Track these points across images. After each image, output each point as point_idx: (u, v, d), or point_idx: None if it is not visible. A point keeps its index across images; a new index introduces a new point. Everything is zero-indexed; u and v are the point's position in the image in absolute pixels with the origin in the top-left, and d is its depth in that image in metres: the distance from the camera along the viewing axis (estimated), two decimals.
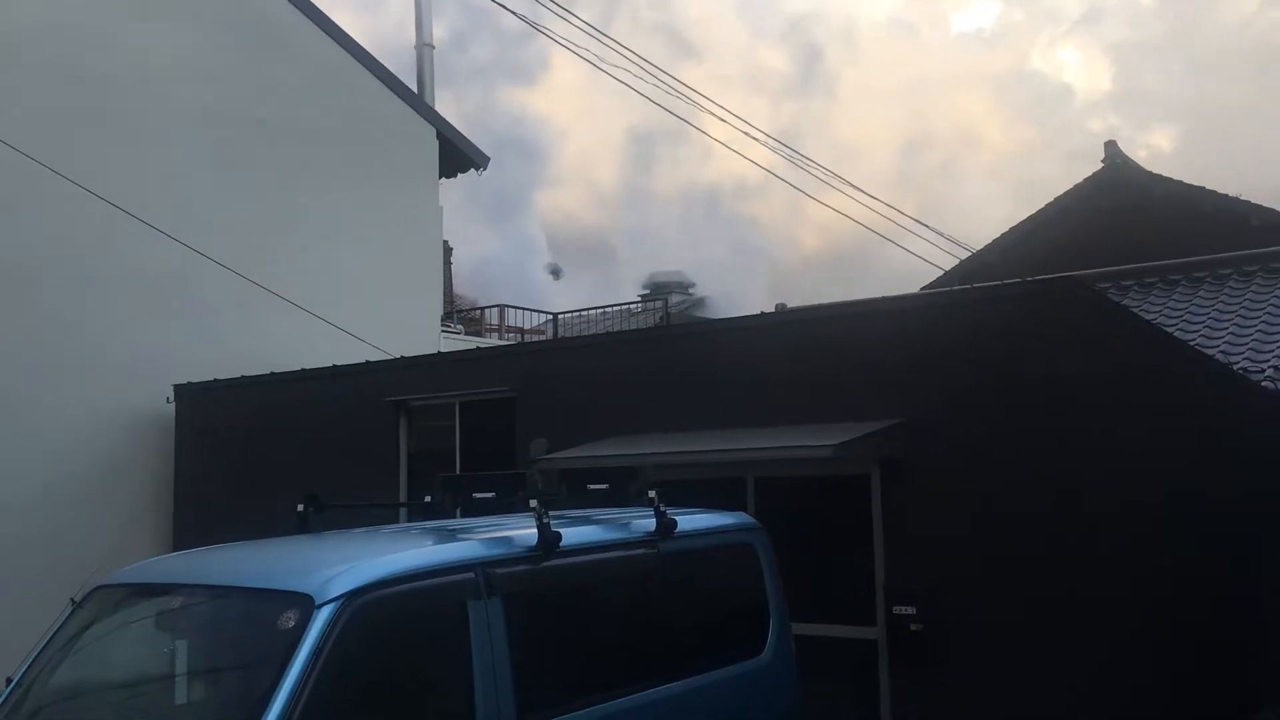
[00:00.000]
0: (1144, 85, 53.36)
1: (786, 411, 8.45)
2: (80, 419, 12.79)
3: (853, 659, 7.90)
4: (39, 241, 12.57)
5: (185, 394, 13.11)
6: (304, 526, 5.76)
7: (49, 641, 4.95)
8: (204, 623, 4.79)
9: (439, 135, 16.91)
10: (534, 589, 5.08)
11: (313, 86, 15.53)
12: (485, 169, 17.96)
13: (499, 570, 4.89)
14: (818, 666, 7.12)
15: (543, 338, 24.93)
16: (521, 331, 24.97)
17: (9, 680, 4.90)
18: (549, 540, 5.08)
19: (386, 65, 16.69)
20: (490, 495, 5.53)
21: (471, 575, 4.77)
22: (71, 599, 5.11)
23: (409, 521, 8.56)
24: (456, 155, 17.39)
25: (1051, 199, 21.55)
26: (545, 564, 5.11)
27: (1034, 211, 21.80)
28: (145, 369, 13.16)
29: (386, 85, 16.50)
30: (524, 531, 5.16)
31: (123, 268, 13.12)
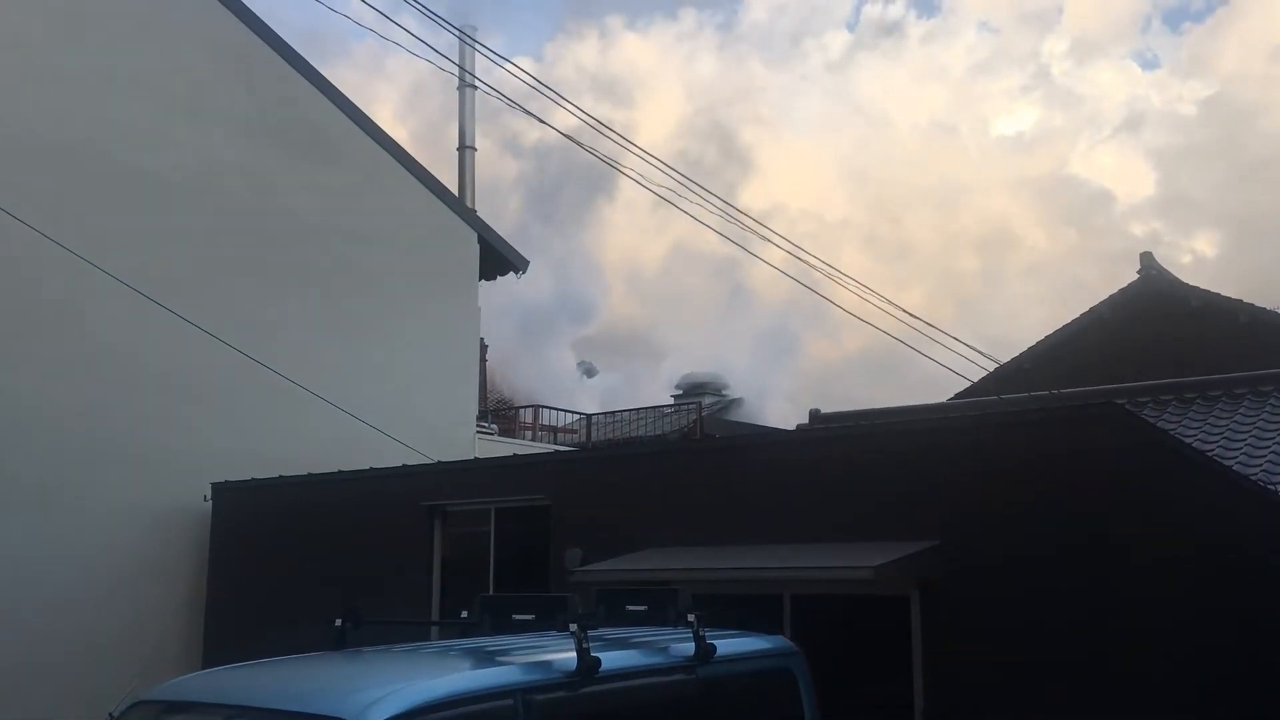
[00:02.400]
0: (1186, 190, 53.69)
1: (825, 526, 8.41)
2: (116, 516, 12.88)
3: None
4: (81, 336, 12.80)
5: (222, 493, 13.19)
6: (342, 642, 5.76)
7: None
8: None
9: (480, 239, 17.21)
10: (572, 715, 5.04)
11: (358, 189, 15.90)
12: (525, 272, 18.23)
13: (538, 696, 4.85)
14: None
15: (575, 437, 25.00)
16: (555, 431, 25.05)
17: None
18: (588, 666, 5.04)
19: (428, 167, 17.08)
20: (530, 618, 5.50)
21: (511, 701, 4.73)
22: (110, 714, 5.11)
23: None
24: (496, 258, 17.68)
25: (1091, 303, 21.63)
26: (584, 690, 5.06)
27: (1071, 320, 21.89)
28: (183, 467, 13.28)
29: (429, 189, 16.87)
30: (563, 655, 5.12)
31: (164, 365, 13.33)
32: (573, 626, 5.13)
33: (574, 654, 5.06)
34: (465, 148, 26.34)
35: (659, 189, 10.07)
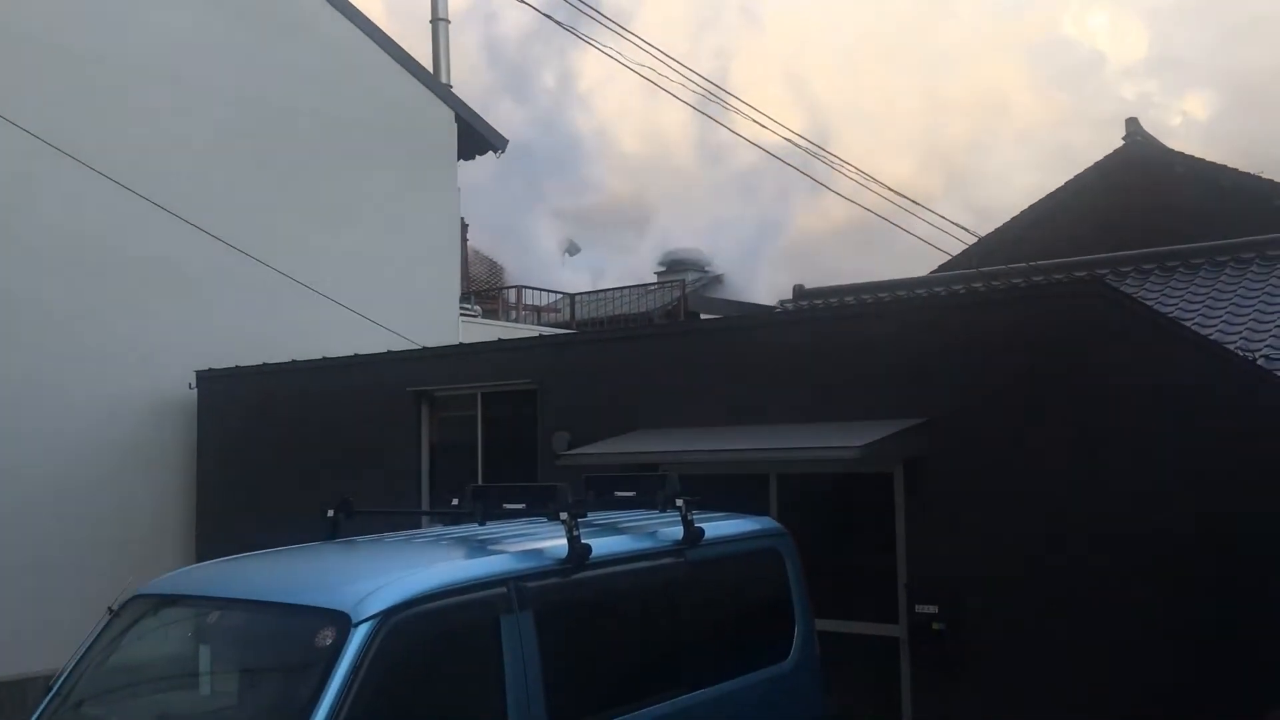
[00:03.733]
0: (1179, 51, 52.82)
1: (809, 407, 8.47)
2: (104, 406, 12.87)
3: (874, 657, 7.95)
4: (59, 229, 12.60)
5: (207, 381, 13.18)
6: (335, 532, 5.83)
7: (88, 649, 5.03)
8: (240, 637, 4.85)
9: (457, 118, 16.88)
10: (564, 601, 5.14)
11: (330, 69, 15.49)
12: (503, 151, 17.93)
13: (530, 584, 4.94)
14: (839, 664, 7.18)
15: (559, 316, 24.99)
16: (538, 310, 25.02)
17: (48, 688, 4.98)
18: (579, 553, 5.13)
19: (400, 41, 16.63)
20: (520, 506, 5.57)
21: (504, 590, 4.82)
22: (109, 607, 5.18)
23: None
24: (474, 137, 17.36)
25: (1081, 168, 21.49)
26: (575, 576, 5.15)
27: (1055, 189, 21.76)
28: (167, 356, 13.22)
29: (405, 67, 16.44)
30: (554, 543, 5.20)
31: (142, 255, 13.16)
32: (563, 515, 5.20)
33: (565, 542, 5.13)
34: (438, 20, 25.49)
35: (638, 67, 9.83)
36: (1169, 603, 8.07)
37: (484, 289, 26.53)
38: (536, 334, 15.36)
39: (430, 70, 18.26)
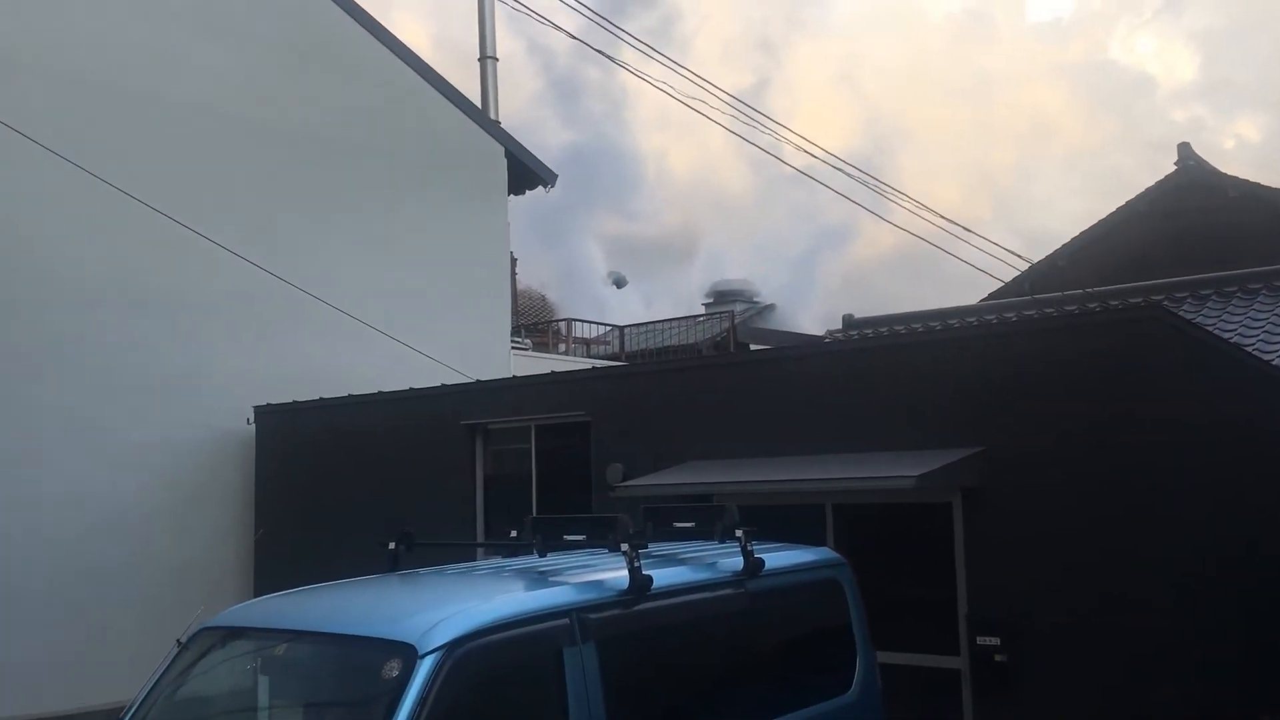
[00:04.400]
0: (1230, 74, 52.23)
1: (860, 437, 8.44)
2: (164, 441, 13.09)
3: (935, 689, 7.86)
4: (120, 267, 12.87)
5: (264, 416, 13.37)
6: (395, 564, 5.88)
7: (157, 681, 5.10)
8: (307, 669, 4.89)
9: (507, 153, 17.07)
10: (626, 633, 5.13)
11: (382, 107, 15.76)
12: (553, 185, 18.10)
13: (592, 615, 4.94)
14: (900, 696, 7.10)
15: (608, 348, 25.08)
16: (587, 342, 25.14)
17: (120, 718, 5.05)
18: (640, 584, 5.13)
19: (449, 77, 16.89)
20: (580, 538, 5.58)
21: (566, 621, 4.83)
22: (177, 640, 5.25)
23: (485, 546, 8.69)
24: (524, 172, 17.55)
25: (1132, 193, 21.28)
26: (637, 608, 5.16)
27: (1107, 214, 21.54)
28: (226, 392, 13.44)
29: (455, 104, 16.69)
30: (615, 575, 5.21)
31: (201, 291, 13.42)
32: (624, 546, 5.21)
33: (625, 573, 5.14)
34: (487, 58, 25.84)
35: (686, 99, 9.92)
36: (1238, 640, 7.92)
37: (534, 322, 26.70)
38: (589, 366, 15.45)
39: (479, 106, 18.52)
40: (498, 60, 26.70)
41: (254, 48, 14.45)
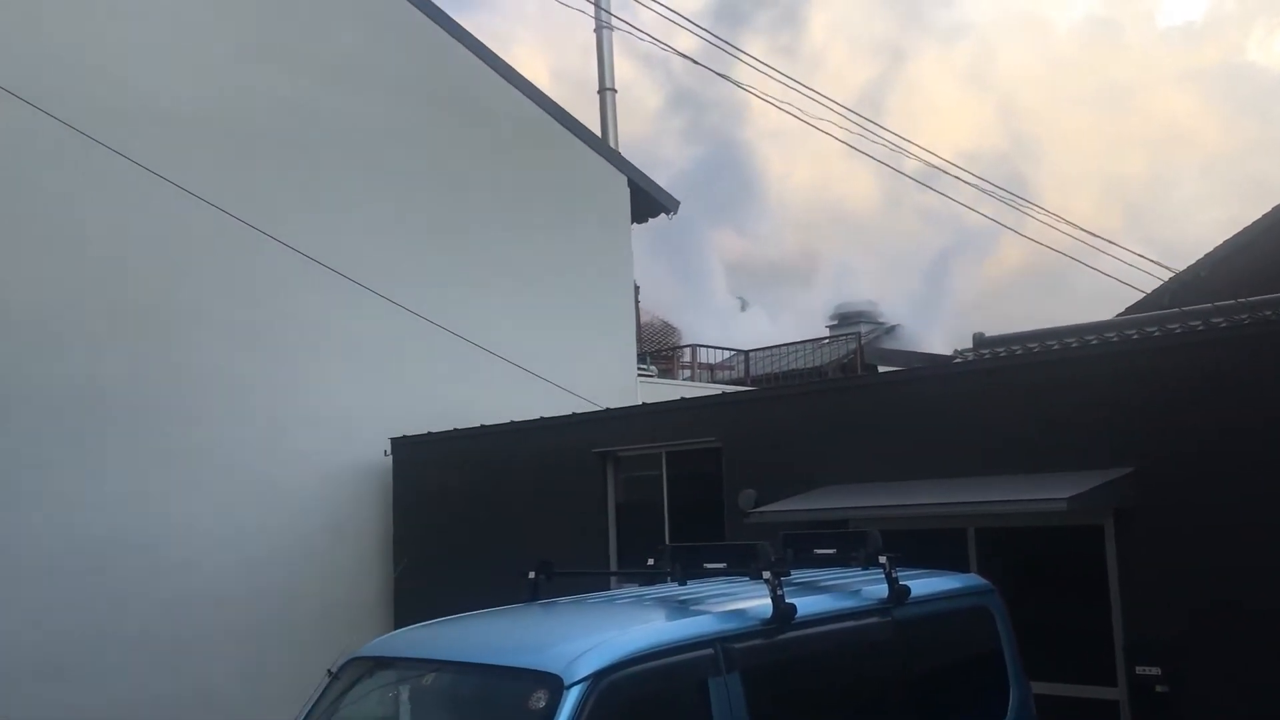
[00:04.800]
0: None
1: (1003, 458, 8.19)
2: (306, 473, 13.46)
3: None
4: (263, 307, 13.34)
5: (401, 447, 13.66)
6: (535, 594, 5.89)
7: (310, 710, 5.19)
8: (454, 699, 4.92)
9: (630, 182, 17.20)
10: (770, 663, 5.04)
11: (509, 142, 16.06)
12: (675, 212, 18.15)
13: (736, 645, 4.86)
14: None
15: (732, 373, 24.97)
16: (711, 368, 25.06)
17: None
18: (785, 613, 5.03)
19: (568, 109, 17.10)
20: (721, 565, 5.52)
21: (711, 651, 4.76)
22: (329, 670, 5.34)
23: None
24: (647, 201, 17.65)
25: (1274, 201, 20.29)
26: (780, 637, 5.06)
27: (1251, 221, 20.59)
28: (364, 424, 13.78)
29: (577, 135, 16.90)
30: (757, 603, 5.12)
31: (338, 328, 13.82)
32: (766, 574, 5.12)
33: (768, 601, 5.05)
34: (606, 90, 26.21)
35: (809, 119, 9.82)
36: None
37: (657, 349, 26.77)
38: (719, 392, 15.39)
39: (599, 136, 18.71)
40: (616, 91, 27.04)
41: (388, 93, 14.88)
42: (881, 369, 20.71)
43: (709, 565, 5.53)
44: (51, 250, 11.87)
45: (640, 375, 17.76)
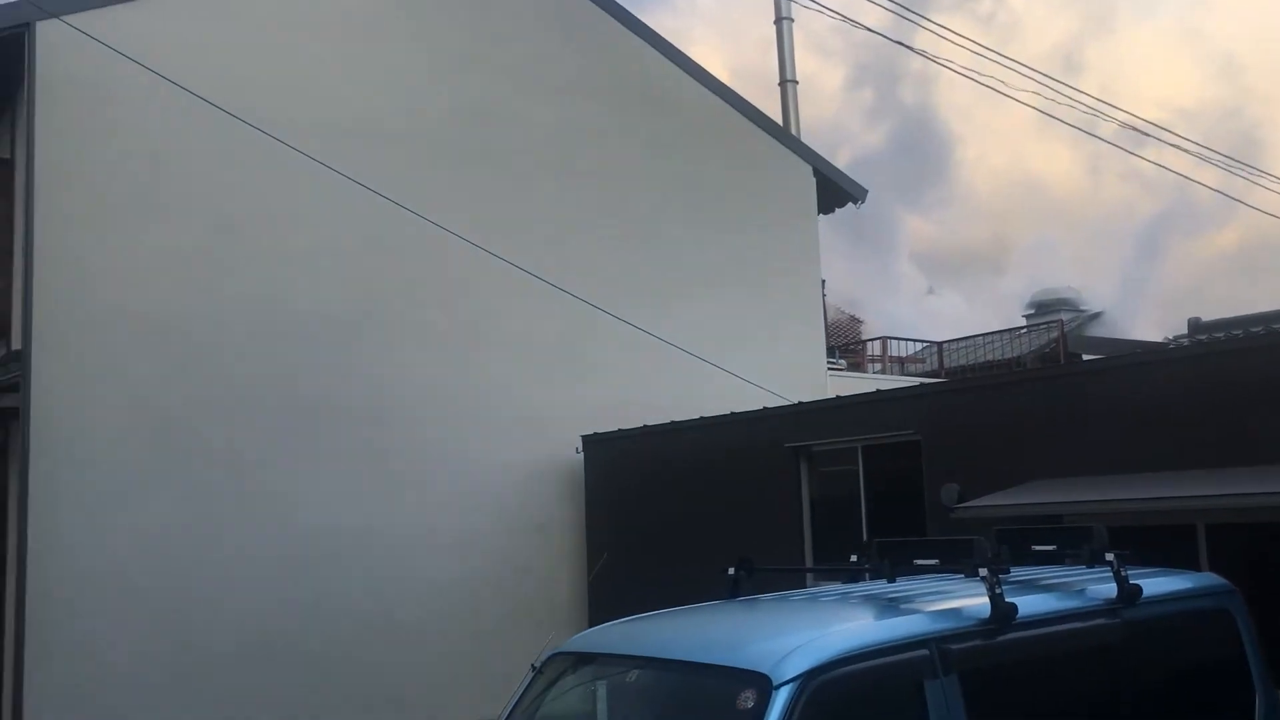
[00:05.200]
0: None
1: (1218, 449, 7.58)
2: (500, 470, 13.73)
3: None
4: (456, 310, 13.66)
5: (592, 444, 13.76)
6: (735, 591, 5.74)
7: (515, 705, 5.19)
8: (658, 696, 4.81)
9: (816, 172, 16.87)
10: (989, 665, 4.73)
11: (694, 137, 16.00)
12: (863, 201, 17.71)
13: (954, 646, 4.58)
14: None
15: (923, 366, 24.24)
16: (902, 361, 24.40)
17: None
18: (1004, 612, 4.72)
19: (750, 99, 16.89)
20: (933, 562, 5.24)
21: (926, 652, 4.50)
22: (532, 665, 5.33)
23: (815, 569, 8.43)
24: (834, 190, 17.28)
25: None
26: (1000, 638, 4.75)
27: None
28: (554, 422, 13.95)
29: (761, 127, 16.69)
30: (972, 602, 4.83)
31: (530, 328, 14.04)
32: (983, 571, 4.82)
33: (985, 600, 4.75)
34: (787, 82, 25.87)
35: (1011, 90, 9.32)
36: None
37: (845, 343, 26.26)
38: (915, 384, 14.93)
39: (783, 128, 18.43)
40: (797, 83, 26.67)
41: (573, 93, 15.06)
42: (1086, 357, 19.71)
43: (920, 562, 5.25)
44: (265, 259, 12.45)
45: (830, 369, 17.41)
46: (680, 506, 12.33)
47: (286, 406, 12.32)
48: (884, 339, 24.19)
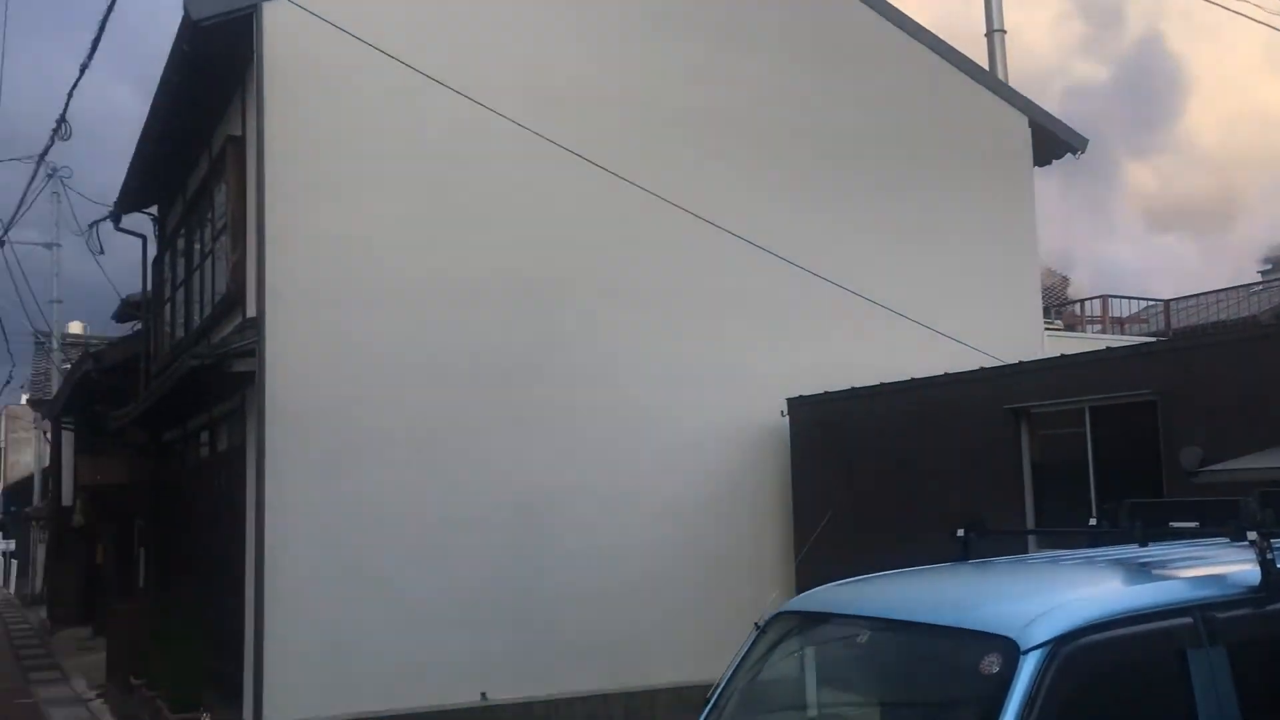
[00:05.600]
0: None
1: None
2: (705, 433, 13.70)
3: None
4: (660, 273, 13.65)
5: (797, 407, 13.56)
6: (966, 553, 5.49)
7: (740, 663, 5.11)
8: (894, 658, 4.64)
9: (1031, 123, 16.06)
10: (1259, 637, 4.35)
11: (899, 90, 15.49)
12: (1083, 151, 16.75)
13: (1219, 614, 4.22)
14: None
15: (1146, 326, 22.88)
16: (1121, 322, 23.11)
17: (705, 700, 5.12)
18: (1276, 580, 4.32)
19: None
20: (1193, 525, 4.85)
21: (1189, 620, 4.16)
22: (755, 623, 5.23)
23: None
24: (1050, 141, 16.41)
25: None
26: (1271, 607, 4.35)
27: None
28: (760, 384, 13.81)
29: (972, 76, 16.00)
30: (1236, 569, 4.44)
31: (732, 288, 13.91)
32: (1251, 535, 4.43)
33: (1253, 566, 4.36)
34: (994, 32, 24.71)
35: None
36: None
37: (1057, 303, 25.07)
38: (1150, 340, 14.06)
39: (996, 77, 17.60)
40: (1005, 33, 25.46)
41: (776, 51, 14.78)
42: None
43: (1177, 525, 4.87)
44: (480, 226, 12.73)
45: (1046, 330, 16.62)
46: (889, 470, 12.01)
47: (499, 370, 12.62)
48: (1104, 297, 22.96)
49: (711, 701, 5.07)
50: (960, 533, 5.56)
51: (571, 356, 13.03)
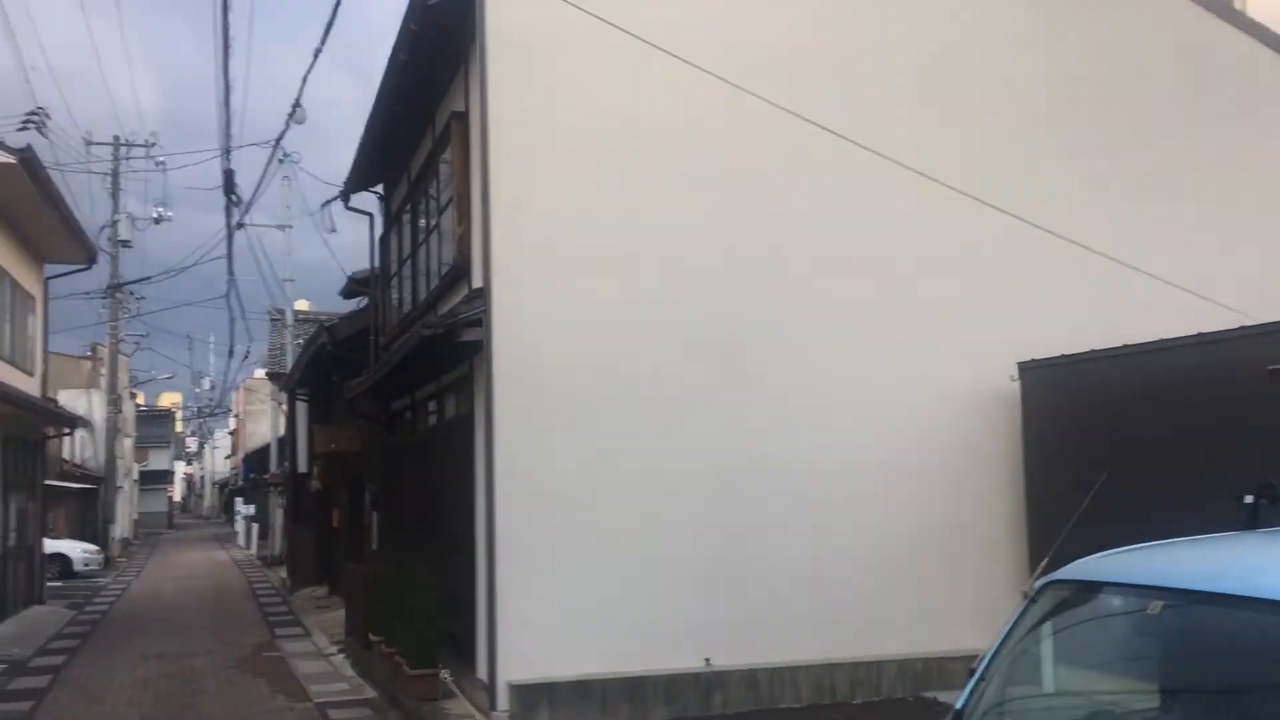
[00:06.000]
0: None
1: None
2: (929, 398, 13.27)
3: None
4: (873, 232, 13.24)
5: (1029, 371, 12.96)
6: (1254, 521, 5.06)
7: (1007, 634, 4.88)
8: (1190, 629, 4.30)
9: None
10: None
11: (1134, 31, 14.55)
12: None
13: None
14: None
15: None
16: None
17: (971, 671, 4.92)
18: None
19: None
20: None
21: None
22: (1024, 592, 4.99)
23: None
24: None
25: None
26: None
27: None
28: (987, 348, 13.28)
29: (1214, 13, 14.86)
30: None
31: (962, 249, 13.40)
32: None
33: None
34: None
35: None
36: None
37: None
38: None
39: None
40: None
41: (1000, 3, 14.12)
42: None
43: None
44: (699, 195, 12.63)
45: None
46: (1133, 438, 11.30)
47: (719, 336, 12.54)
48: None
49: (978, 673, 4.86)
50: (1248, 499, 5.14)
51: (798, 322, 12.78)
